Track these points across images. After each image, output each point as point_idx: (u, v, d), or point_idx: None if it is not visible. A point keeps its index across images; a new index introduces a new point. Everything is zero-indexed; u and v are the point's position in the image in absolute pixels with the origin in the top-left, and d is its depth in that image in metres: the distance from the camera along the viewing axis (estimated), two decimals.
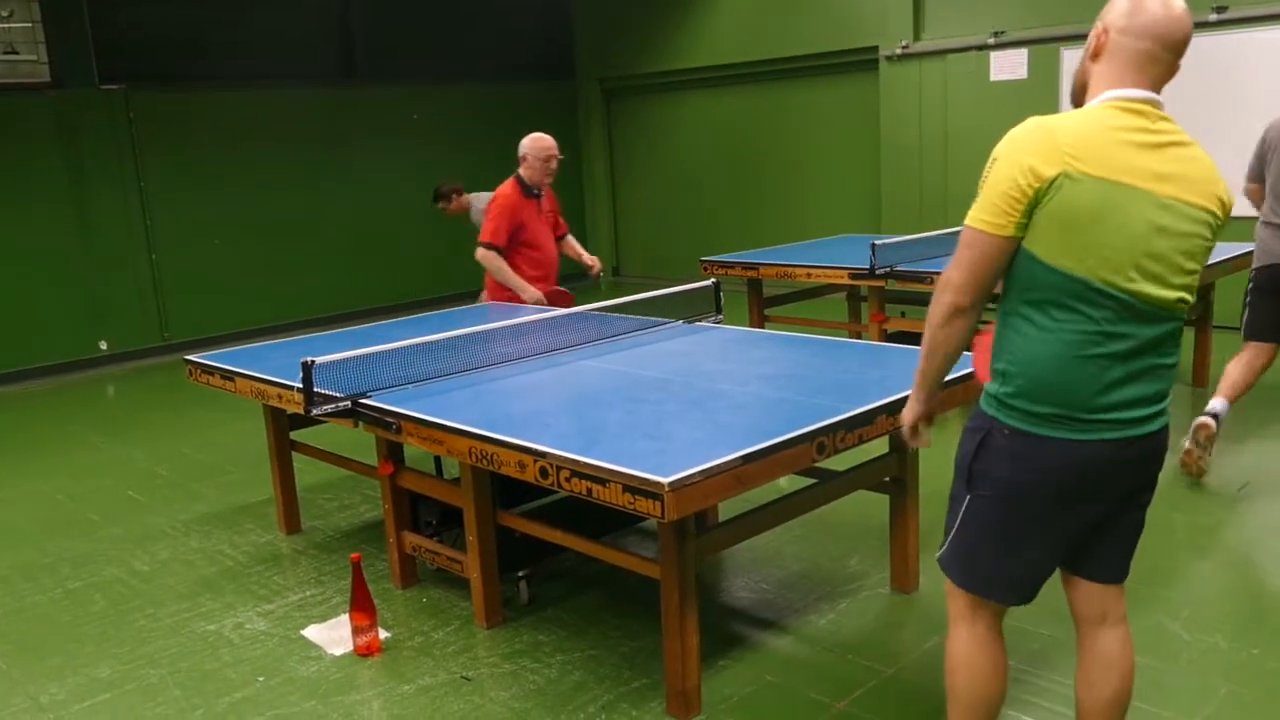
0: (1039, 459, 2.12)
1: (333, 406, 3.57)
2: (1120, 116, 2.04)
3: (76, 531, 4.92)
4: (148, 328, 9.10)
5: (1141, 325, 2.07)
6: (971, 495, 2.24)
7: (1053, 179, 1.97)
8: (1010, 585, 2.29)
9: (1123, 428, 2.10)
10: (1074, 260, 2.01)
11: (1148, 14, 2.07)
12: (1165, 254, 2.04)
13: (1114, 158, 2.00)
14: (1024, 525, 2.20)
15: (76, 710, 3.29)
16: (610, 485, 2.69)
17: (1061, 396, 2.08)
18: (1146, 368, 2.10)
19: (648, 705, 3.10)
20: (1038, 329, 2.09)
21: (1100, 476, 2.15)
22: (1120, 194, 1.99)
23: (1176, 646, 3.27)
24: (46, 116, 8.50)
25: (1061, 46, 8.06)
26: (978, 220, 2.07)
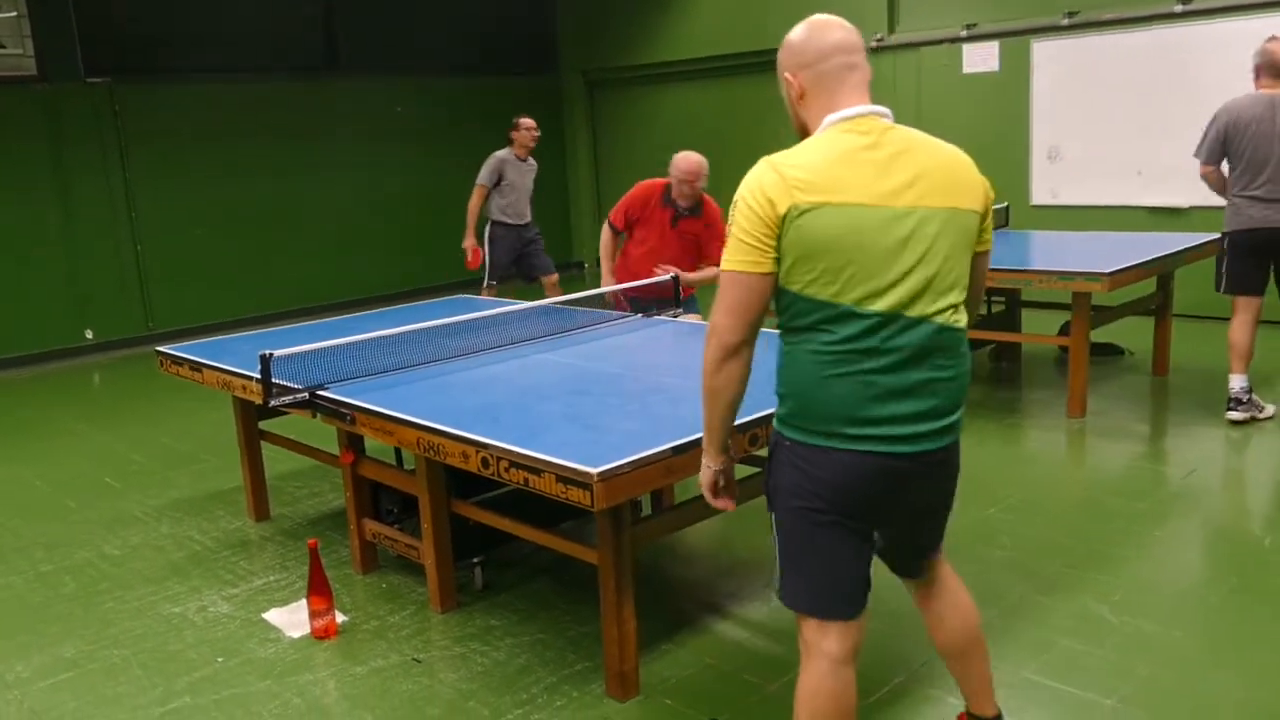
0: (818, 467, 2.17)
1: (290, 398, 3.69)
2: (845, 138, 2.12)
3: (52, 516, 5.05)
4: (132, 317, 9.21)
5: (900, 339, 2.10)
6: (777, 513, 2.29)
7: (785, 213, 2.04)
8: (838, 596, 2.27)
9: (896, 443, 2.13)
10: (819, 285, 2.08)
11: (819, 39, 2.19)
12: (916, 264, 2.08)
13: (842, 181, 2.06)
14: (824, 534, 2.21)
15: (40, 687, 3.42)
16: (545, 475, 2.80)
17: (827, 412, 2.13)
18: (918, 382, 2.13)
19: (588, 687, 3.22)
20: (796, 351, 2.17)
21: (882, 489, 2.18)
22: (854, 215, 2.04)
23: (1103, 630, 3.39)
24: (32, 109, 8.60)
25: (1032, 39, 8.16)
26: (734, 263, 2.11)
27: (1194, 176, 5.55)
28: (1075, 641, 3.32)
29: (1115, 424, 5.47)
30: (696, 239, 5.33)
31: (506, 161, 7.79)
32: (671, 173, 5.28)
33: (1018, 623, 3.46)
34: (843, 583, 2.26)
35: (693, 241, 5.33)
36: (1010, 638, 3.36)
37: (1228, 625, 3.42)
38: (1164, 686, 3.06)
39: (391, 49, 10.89)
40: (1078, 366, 5.51)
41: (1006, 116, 8.40)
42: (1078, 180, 8.19)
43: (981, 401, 6.02)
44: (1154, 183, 7.79)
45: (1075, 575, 3.77)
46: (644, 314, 4.78)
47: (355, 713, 3.16)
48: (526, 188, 7.93)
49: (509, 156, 7.80)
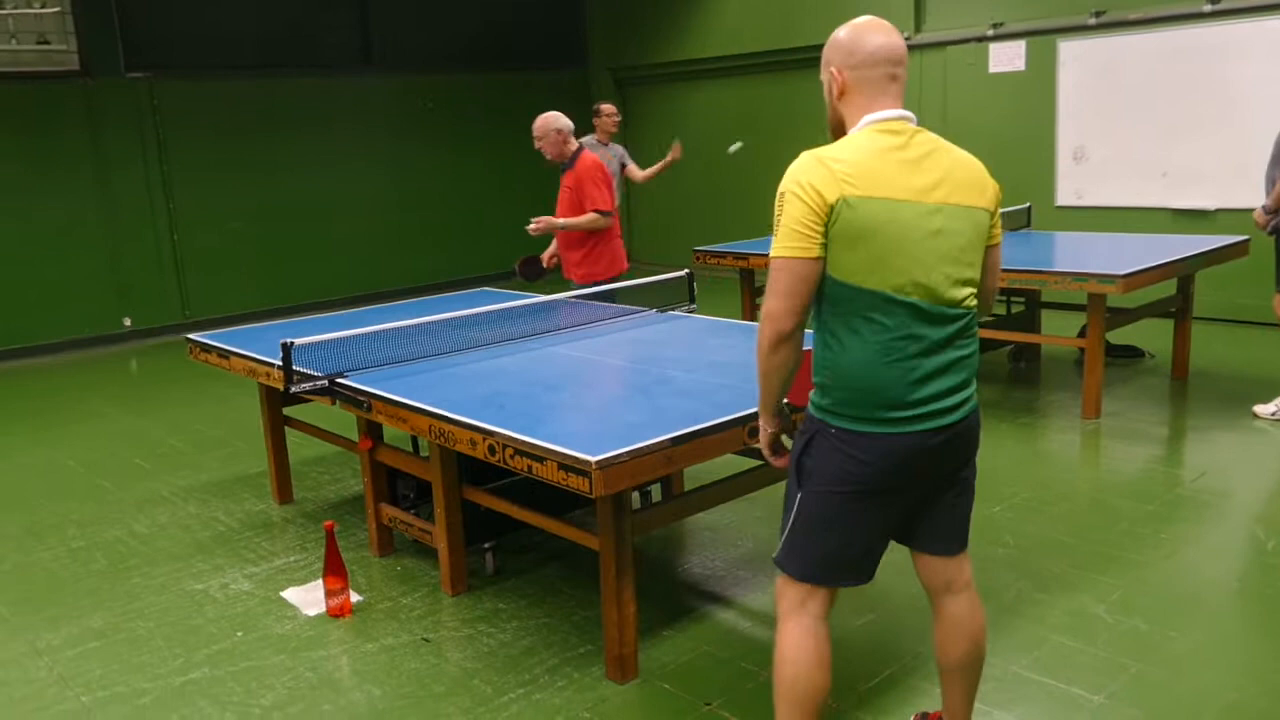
0: (863, 451, 2.31)
1: (310, 385, 3.82)
2: (880, 138, 2.27)
3: (85, 496, 5.23)
4: (169, 306, 9.44)
5: (934, 325, 2.28)
6: (804, 491, 2.41)
7: (834, 204, 2.19)
8: (849, 567, 2.44)
9: (934, 418, 2.32)
10: (864, 275, 2.23)
11: (870, 44, 2.31)
12: (945, 254, 2.27)
13: (883, 176, 2.22)
14: (854, 511, 2.37)
15: (69, 655, 3.58)
16: (547, 463, 2.91)
17: (875, 398, 2.29)
18: (948, 362, 2.32)
19: (589, 670, 3.33)
20: (843, 341, 2.30)
21: (918, 462, 2.35)
22: (893, 209, 2.21)
23: (1096, 628, 3.44)
24: (76, 103, 8.84)
25: (1058, 39, 8.15)
26: (785, 249, 2.23)
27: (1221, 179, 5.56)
28: (1068, 639, 3.37)
29: (1129, 425, 5.49)
30: (574, 191, 5.54)
31: (592, 149, 7.80)
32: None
33: (1013, 619, 3.52)
34: (860, 561, 2.45)
35: (571, 195, 5.55)
36: (1004, 633, 3.42)
37: (1223, 627, 3.46)
38: (1152, 684, 3.11)
39: (423, 46, 11.05)
40: (1092, 368, 5.54)
41: (1032, 116, 8.40)
42: (1103, 181, 8.18)
43: (998, 401, 6.06)
44: (1180, 185, 7.76)
45: (1075, 574, 3.82)
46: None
47: (364, 687, 3.29)
48: (614, 173, 7.95)
49: (592, 143, 7.81)
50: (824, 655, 2.47)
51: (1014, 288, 6.17)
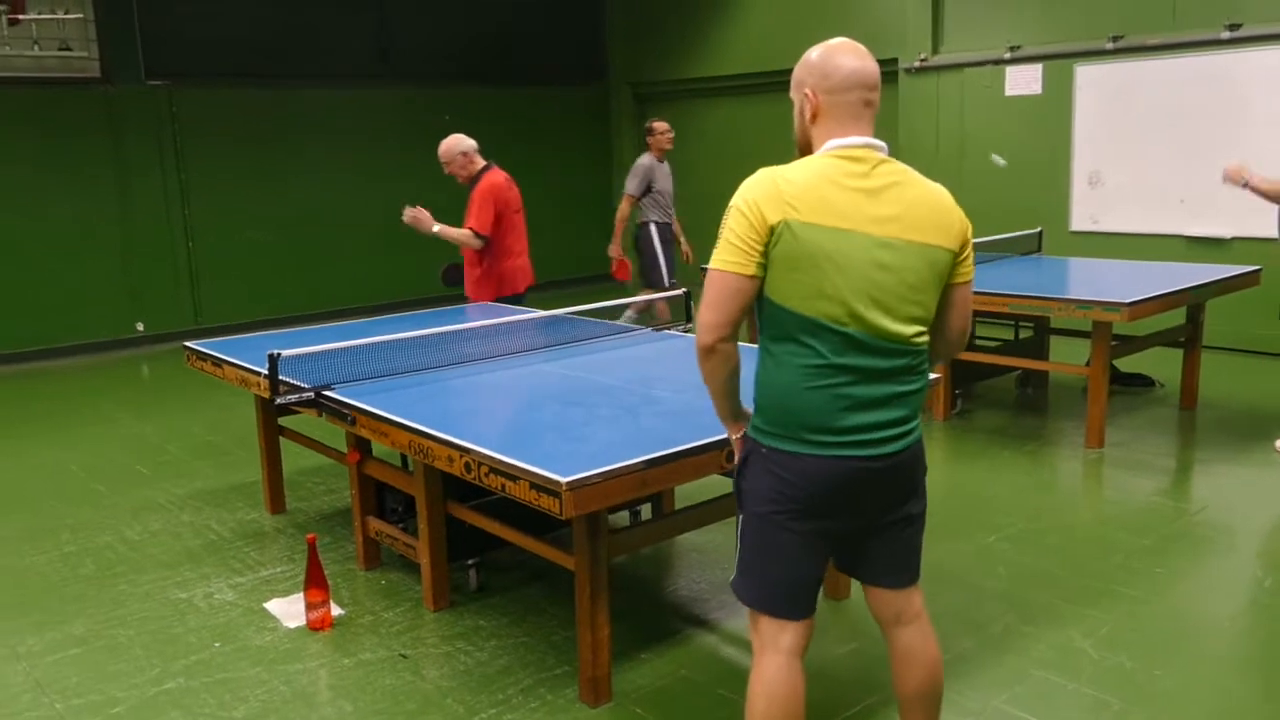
0: (792, 471, 2.29)
1: (296, 396, 3.82)
2: (840, 165, 2.23)
3: (82, 500, 5.26)
4: (182, 312, 9.51)
5: (875, 357, 2.25)
6: (745, 513, 2.40)
7: (775, 226, 2.16)
8: (787, 597, 2.39)
9: (864, 447, 2.28)
10: (799, 300, 2.21)
11: (846, 67, 2.28)
12: (890, 289, 2.22)
13: (832, 204, 2.18)
14: (785, 534, 2.33)
15: (48, 661, 3.59)
16: (520, 482, 2.89)
17: (801, 420, 2.26)
18: (886, 396, 2.28)
19: (563, 692, 3.30)
20: (775, 362, 2.29)
21: (848, 489, 2.31)
22: (838, 238, 2.18)
23: (1081, 664, 3.38)
24: (96, 110, 8.95)
25: (1075, 63, 8.09)
26: (722, 263, 2.21)
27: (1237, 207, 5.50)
28: (1051, 674, 3.31)
29: (1133, 456, 5.42)
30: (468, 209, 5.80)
31: (653, 168, 7.85)
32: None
33: (997, 653, 3.46)
34: (795, 585, 2.39)
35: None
36: (986, 667, 3.37)
37: (1211, 667, 3.39)
38: None
39: (441, 58, 11.10)
40: (1096, 396, 5.46)
41: (1048, 140, 8.34)
42: (1118, 207, 8.09)
43: (1003, 428, 5.99)
44: (1197, 212, 7.67)
45: (1064, 608, 3.76)
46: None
47: (336, 703, 3.27)
48: (671, 190, 8.09)
49: (652, 162, 7.88)
50: (797, 693, 2.41)
51: (1021, 313, 6.11)
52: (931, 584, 3.93)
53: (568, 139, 12.04)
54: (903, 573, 2.52)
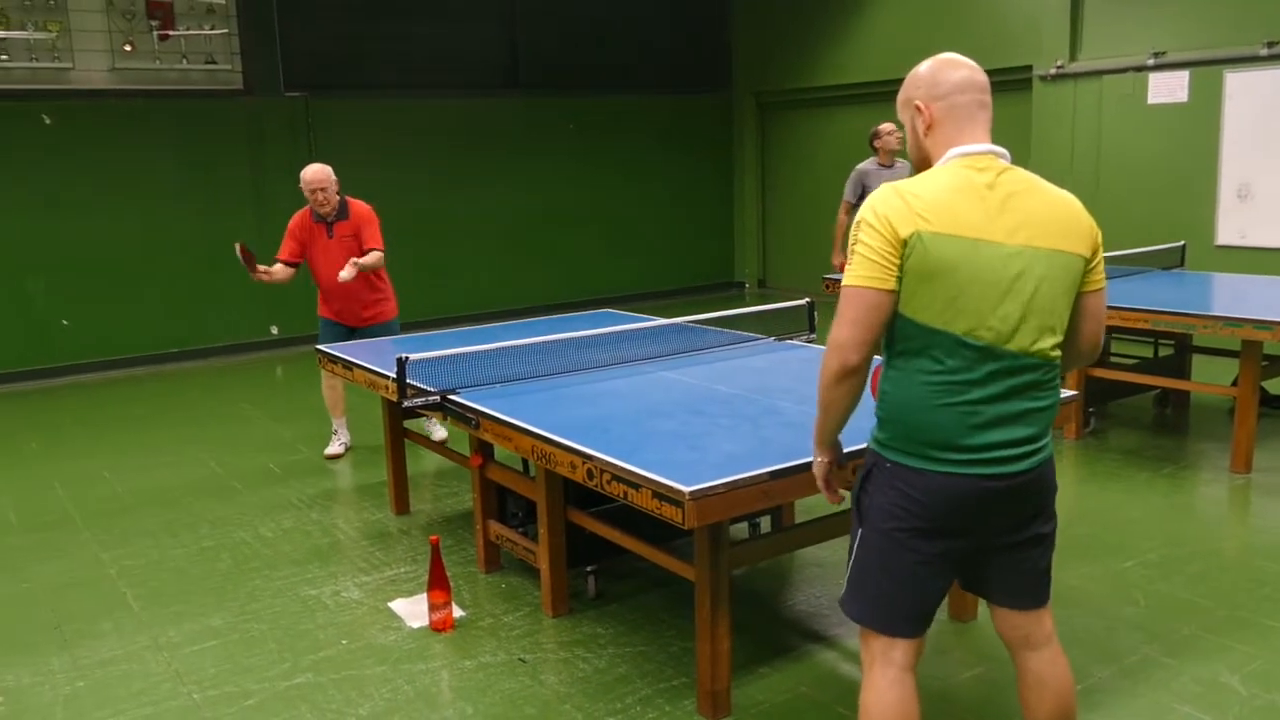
0: (916, 488, 2.24)
1: (424, 400, 3.90)
2: (965, 174, 2.19)
3: (220, 496, 5.47)
4: (312, 315, 9.76)
5: (1007, 372, 2.19)
6: (864, 529, 2.36)
7: (907, 239, 2.12)
8: (904, 615, 2.35)
9: (994, 464, 2.21)
10: (933, 314, 2.16)
11: (956, 74, 2.27)
12: (1026, 301, 2.16)
13: (962, 214, 2.14)
14: (910, 552, 2.28)
15: (187, 652, 3.73)
16: (642, 490, 2.88)
17: (929, 437, 2.21)
18: (1018, 412, 2.22)
19: (681, 703, 3.27)
20: (904, 377, 2.25)
21: (975, 508, 2.25)
22: (971, 249, 2.13)
23: (1229, 700, 3.20)
24: (237, 120, 9.33)
25: (1225, 69, 7.70)
26: (859, 279, 2.17)
27: None
28: (1196, 709, 3.14)
29: None
30: (355, 238, 5.79)
31: (868, 173, 7.66)
32: (303, 189, 5.71)
33: (1136, 684, 3.30)
34: (914, 604, 2.35)
35: (352, 242, 5.78)
36: (1125, 699, 3.22)
37: None
38: None
39: (567, 68, 11.24)
40: (1244, 418, 5.18)
41: (1193, 151, 7.96)
42: (1269, 221, 7.67)
43: (1139, 449, 5.73)
44: None
45: (1209, 640, 3.57)
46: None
47: (457, 704, 3.31)
48: None
49: (870, 167, 7.68)
50: (910, 708, 2.36)
51: (1161, 330, 5.84)
52: (1063, 608, 3.79)
53: (689, 148, 12.05)
54: (1032, 594, 2.43)
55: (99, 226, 8.86)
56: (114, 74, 8.81)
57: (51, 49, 8.50)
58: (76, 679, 3.57)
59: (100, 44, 8.72)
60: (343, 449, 6.15)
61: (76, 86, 8.66)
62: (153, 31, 8.84)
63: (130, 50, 8.80)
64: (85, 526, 5.09)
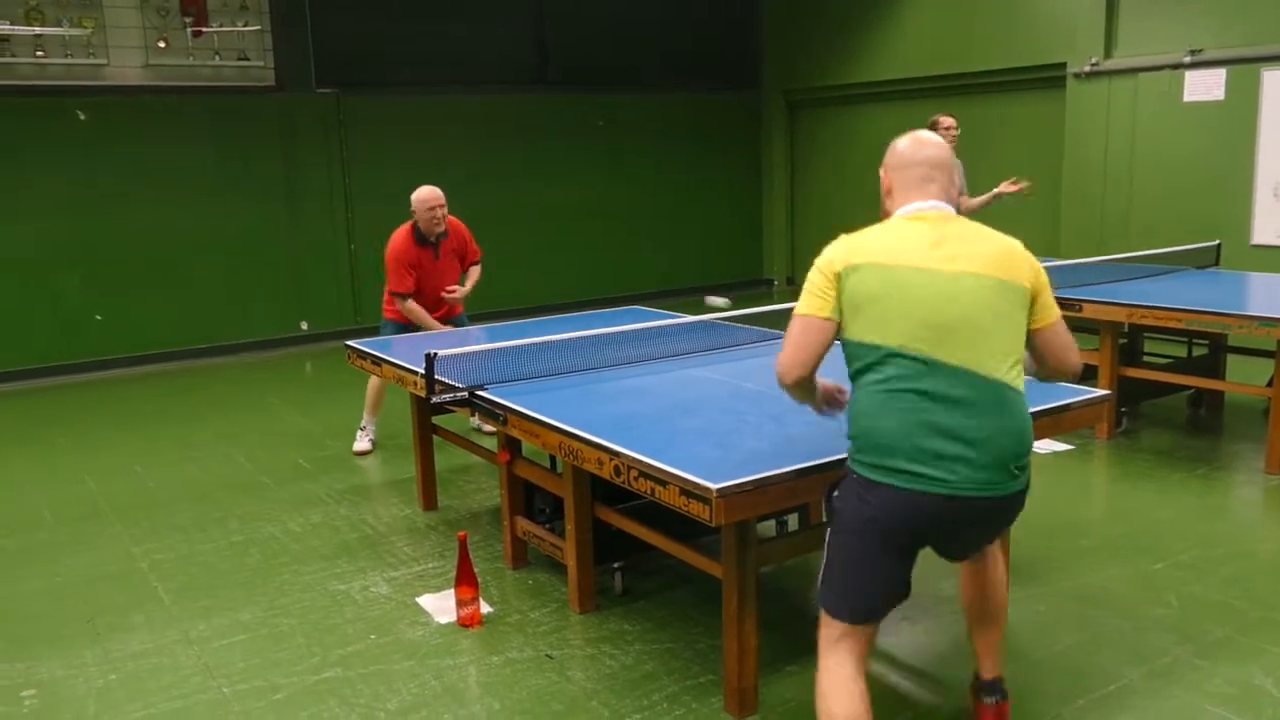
0: (875, 500, 2.51)
1: (452, 396, 3.91)
2: (906, 225, 2.58)
3: (250, 491, 5.51)
4: (343, 311, 9.89)
5: (953, 385, 2.44)
6: (832, 531, 2.65)
7: (840, 271, 2.52)
8: (864, 607, 2.60)
9: (942, 485, 2.43)
10: (875, 333, 2.48)
11: (908, 149, 2.67)
12: (962, 319, 2.44)
13: (896, 249, 2.51)
14: (869, 554, 2.57)
15: (217, 646, 3.76)
16: (669, 487, 2.88)
17: (883, 443, 2.47)
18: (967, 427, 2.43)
19: (708, 700, 3.27)
20: (862, 392, 2.55)
21: (926, 525, 2.51)
22: (901, 274, 2.47)
23: (1263, 703, 3.16)
24: (270, 116, 9.40)
25: (1263, 68, 7.59)
26: (802, 309, 2.57)
27: None
28: (1228, 712, 3.11)
29: None
30: (457, 254, 5.90)
31: None
32: (417, 209, 5.68)
33: (1168, 685, 3.27)
34: (875, 598, 2.62)
35: (454, 258, 5.89)
36: (1156, 700, 3.18)
37: None
38: None
39: (597, 65, 11.25)
40: (1279, 419, 5.11)
41: (1230, 149, 7.86)
42: None
43: (1171, 449, 5.67)
44: None
45: (1243, 642, 3.52)
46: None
47: (485, 700, 3.32)
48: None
49: None
50: (862, 692, 2.59)
51: (1196, 330, 5.77)
52: (1094, 609, 3.77)
53: (718, 146, 12.03)
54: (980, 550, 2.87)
55: (131, 222, 8.94)
56: (148, 70, 8.90)
57: (86, 45, 8.60)
58: (109, 672, 3.61)
59: (134, 40, 8.80)
60: (370, 446, 6.15)
61: (111, 83, 8.76)
62: (186, 28, 8.92)
63: (164, 47, 8.88)
64: (116, 520, 5.14)
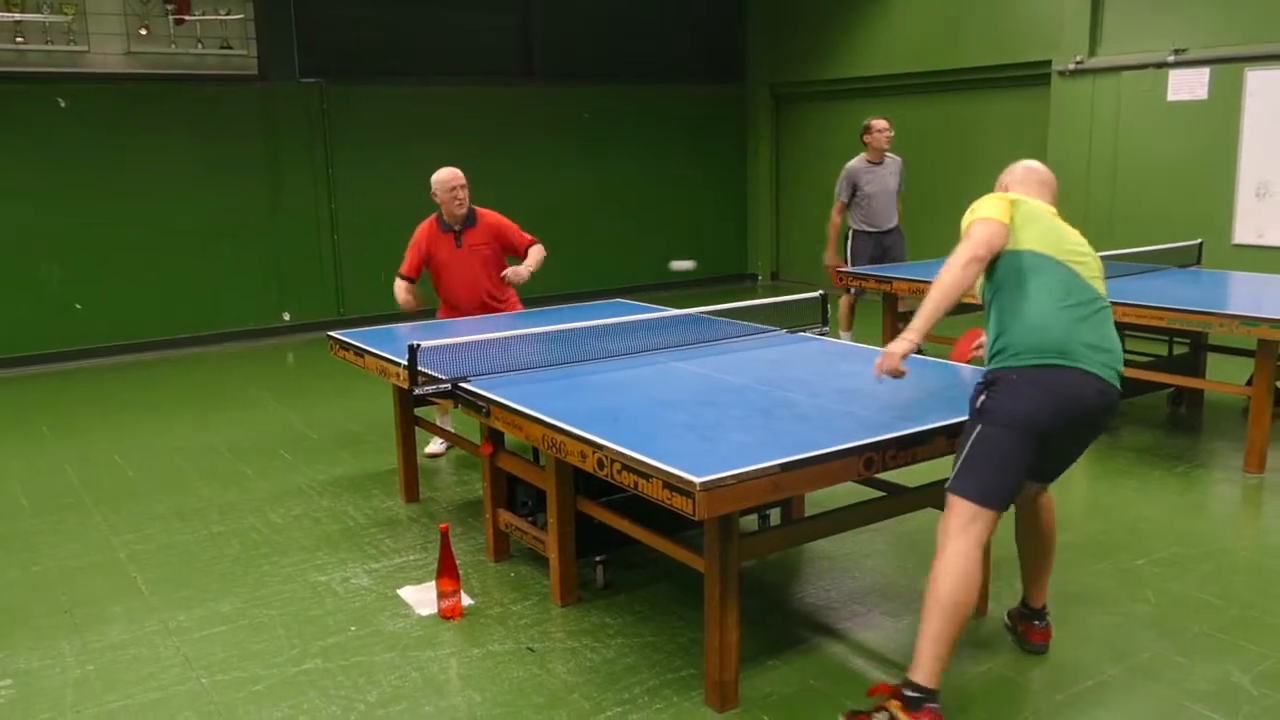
0: (1040, 384, 2.94)
1: (434, 387, 3.89)
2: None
3: (230, 482, 5.48)
4: (326, 303, 9.84)
5: (1093, 298, 3.05)
6: (982, 425, 2.96)
7: (1013, 199, 3.16)
8: (1004, 492, 2.97)
9: (1101, 370, 2.98)
10: (1041, 244, 3.07)
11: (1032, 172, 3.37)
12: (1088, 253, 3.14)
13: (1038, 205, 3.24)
14: (1016, 445, 2.93)
15: (197, 637, 3.74)
16: (653, 480, 2.87)
17: (1052, 342, 2.95)
18: (1109, 333, 3.07)
19: (689, 694, 3.27)
20: (1025, 299, 3.01)
21: (1078, 404, 2.97)
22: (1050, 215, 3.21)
23: (1239, 699, 3.18)
24: (252, 106, 9.33)
25: (1246, 67, 7.64)
26: (986, 215, 3.06)
27: None
28: (1206, 708, 3.13)
29: None
30: (491, 245, 5.62)
31: (858, 171, 7.63)
32: (437, 190, 5.52)
33: (1148, 682, 3.28)
34: (1014, 485, 3.00)
35: (485, 250, 5.60)
36: (1136, 697, 3.20)
37: None
38: None
39: (583, 57, 11.22)
40: (1258, 418, 5.14)
41: (1212, 149, 7.90)
42: None
43: (1152, 447, 5.70)
44: None
45: (1220, 639, 3.55)
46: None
47: (465, 692, 3.31)
48: (887, 191, 7.70)
49: (860, 165, 7.65)
50: (980, 575, 2.97)
51: (1176, 328, 5.79)
52: (1074, 605, 3.78)
53: (704, 139, 12.02)
54: (1053, 479, 3.31)
55: (112, 211, 8.86)
56: (129, 58, 8.82)
57: (67, 32, 8.51)
58: (86, 663, 3.58)
59: (116, 27, 8.73)
60: (443, 448, 5.81)
61: (92, 70, 8.67)
62: (168, 15, 8.84)
63: (146, 34, 8.80)
64: (96, 510, 5.10)
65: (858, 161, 7.65)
